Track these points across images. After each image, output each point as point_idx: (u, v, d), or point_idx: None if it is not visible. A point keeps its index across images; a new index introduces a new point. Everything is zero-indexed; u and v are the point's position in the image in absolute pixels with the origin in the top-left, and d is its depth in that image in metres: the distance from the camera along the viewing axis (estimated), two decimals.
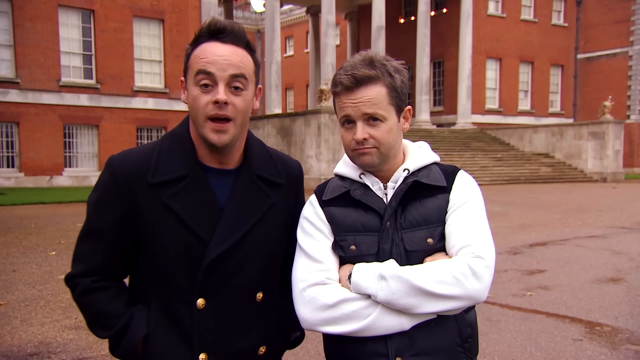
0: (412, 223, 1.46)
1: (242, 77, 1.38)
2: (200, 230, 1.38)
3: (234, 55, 1.38)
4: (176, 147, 1.43)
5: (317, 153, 18.73)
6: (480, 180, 21.13)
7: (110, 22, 21.41)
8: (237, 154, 1.47)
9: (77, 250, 1.45)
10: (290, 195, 1.58)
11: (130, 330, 1.39)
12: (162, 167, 1.40)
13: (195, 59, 1.38)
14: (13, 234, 9.00)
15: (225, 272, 1.41)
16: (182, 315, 1.40)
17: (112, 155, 1.44)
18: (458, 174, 1.54)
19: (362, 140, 1.44)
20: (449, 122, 29.86)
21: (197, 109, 1.37)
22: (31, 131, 20.08)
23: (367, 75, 1.43)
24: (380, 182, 1.52)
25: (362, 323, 1.38)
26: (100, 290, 1.42)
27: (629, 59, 32.17)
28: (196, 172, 1.41)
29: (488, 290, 1.41)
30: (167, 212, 1.38)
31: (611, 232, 9.49)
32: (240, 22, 43.05)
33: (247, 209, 1.44)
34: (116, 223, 1.40)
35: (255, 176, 1.48)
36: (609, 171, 24.53)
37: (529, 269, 6.57)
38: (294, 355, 3.77)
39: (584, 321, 4.59)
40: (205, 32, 1.39)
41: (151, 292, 1.43)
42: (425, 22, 27.03)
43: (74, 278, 1.43)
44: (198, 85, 1.36)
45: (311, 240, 1.50)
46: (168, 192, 1.38)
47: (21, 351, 3.85)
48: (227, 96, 1.35)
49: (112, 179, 1.39)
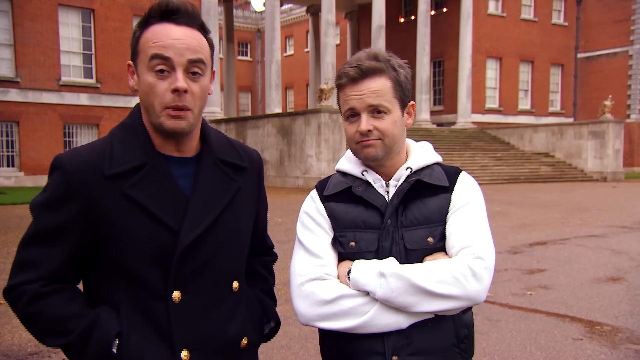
0: (413, 222, 1.46)
1: (200, 62, 1.29)
2: (168, 219, 1.29)
3: (191, 38, 1.27)
4: (130, 138, 1.32)
5: (317, 152, 18.73)
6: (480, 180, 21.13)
7: (110, 22, 21.42)
8: (194, 141, 1.38)
9: (21, 257, 1.29)
10: (254, 180, 1.51)
11: (99, 329, 1.24)
12: (117, 158, 1.29)
13: (147, 42, 1.26)
14: (13, 233, 9.00)
15: (199, 261, 1.33)
16: (157, 311, 1.29)
17: (57, 155, 1.31)
18: (460, 174, 1.54)
19: (367, 131, 1.44)
20: (449, 122, 29.86)
21: (154, 97, 1.26)
22: (31, 130, 20.09)
23: (372, 67, 1.44)
24: (383, 179, 1.51)
25: (360, 320, 1.38)
26: (52, 294, 1.27)
27: (629, 58, 32.17)
28: (155, 159, 1.31)
29: (487, 291, 1.41)
30: (130, 204, 1.27)
31: (611, 232, 9.48)
32: (240, 21, 43.19)
33: (214, 193, 1.36)
34: (70, 224, 1.27)
35: (219, 160, 1.40)
36: (609, 170, 24.52)
37: (529, 268, 6.57)
38: (294, 354, 3.78)
39: (584, 320, 4.58)
40: (156, 12, 1.28)
41: (118, 293, 1.30)
42: (426, 21, 27.03)
43: (16, 287, 1.27)
44: (153, 70, 1.26)
45: (311, 234, 1.50)
46: (129, 181, 1.27)
47: (21, 350, 3.85)
48: (186, 83, 1.26)
49: (62, 178, 1.26)
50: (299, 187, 18.71)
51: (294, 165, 19.79)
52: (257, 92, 44.36)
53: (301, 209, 1.56)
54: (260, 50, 43.61)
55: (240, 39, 43.53)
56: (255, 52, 45.07)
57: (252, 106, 44.42)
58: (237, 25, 39.37)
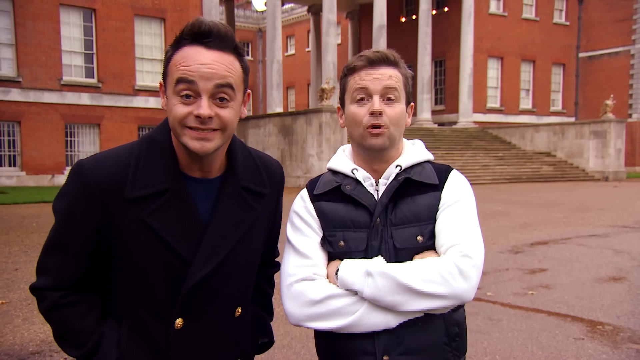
0: (403, 220, 1.46)
1: (228, 87, 1.25)
2: (181, 248, 1.29)
3: (220, 62, 1.24)
4: (155, 156, 1.30)
5: (319, 152, 18.73)
6: (481, 179, 21.19)
7: (111, 21, 21.42)
8: (219, 161, 1.36)
9: (44, 261, 1.33)
10: (273, 203, 1.52)
11: (100, 353, 1.29)
12: (140, 179, 1.27)
13: (175, 64, 1.24)
14: (15, 233, 9.01)
15: (207, 292, 1.34)
16: (157, 334, 1.31)
17: (81, 161, 1.29)
18: (451, 173, 1.53)
19: (379, 113, 1.43)
20: (450, 121, 29.84)
21: (176, 118, 1.24)
22: (33, 130, 20.11)
23: (390, 57, 1.48)
24: (373, 177, 1.51)
25: (349, 319, 1.38)
26: (70, 306, 1.30)
27: (631, 58, 32.12)
28: (178, 185, 1.30)
29: (475, 289, 1.40)
30: (145, 229, 1.27)
31: (613, 231, 9.47)
32: (242, 20, 43.20)
33: (231, 224, 1.35)
34: (88, 236, 1.28)
35: (241, 187, 1.38)
36: (611, 170, 24.49)
37: (531, 268, 6.56)
38: (295, 354, 3.78)
39: (585, 320, 4.58)
40: (188, 35, 1.25)
41: (124, 309, 1.33)
42: (427, 20, 27.01)
43: (40, 290, 1.31)
44: (178, 95, 1.24)
45: (300, 235, 1.50)
46: (148, 207, 1.27)
47: (23, 350, 3.86)
48: (210, 110, 1.23)
49: (84, 190, 1.27)
50: (300, 187, 18.60)
51: (295, 164, 19.79)
52: (258, 92, 44.37)
53: (291, 208, 1.56)
54: (262, 49, 43.63)
55: (242, 39, 43.55)
56: (257, 52, 45.09)
57: (254, 106, 44.43)
58: (238, 24, 39.42)
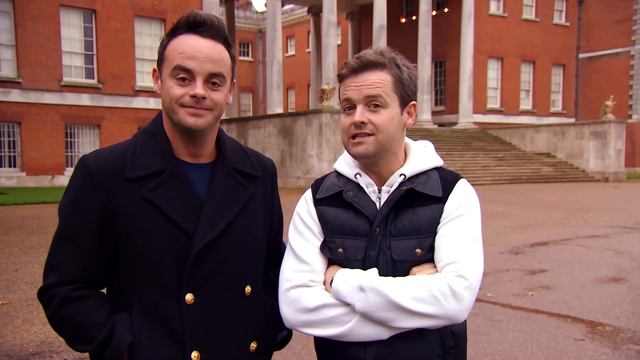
0: (402, 231, 1.42)
1: (220, 75, 1.37)
2: (184, 223, 1.36)
3: (213, 51, 1.36)
4: (151, 143, 1.41)
5: (319, 153, 18.73)
6: (481, 180, 21.18)
7: (111, 22, 21.44)
8: (209, 147, 1.46)
9: (52, 258, 1.36)
10: (267, 188, 1.56)
11: (114, 339, 1.31)
12: (139, 162, 1.37)
13: (172, 52, 1.36)
14: (15, 234, 9.01)
15: (212, 264, 1.39)
16: (170, 313, 1.36)
17: (83, 155, 1.40)
18: (458, 183, 1.48)
19: (360, 123, 1.40)
20: (450, 122, 29.84)
21: (172, 98, 1.35)
22: (33, 131, 20.12)
23: (374, 60, 1.43)
24: (376, 184, 1.48)
25: (341, 329, 1.38)
26: (80, 300, 1.34)
27: (631, 59, 32.12)
28: (174, 165, 1.39)
29: (468, 311, 1.37)
30: (148, 207, 1.34)
31: (613, 232, 9.47)
32: (242, 21, 43.19)
33: (228, 200, 1.43)
34: (94, 223, 1.34)
35: (232, 169, 1.46)
36: (611, 171, 24.48)
37: (531, 269, 6.56)
38: (295, 354, 3.78)
39: (585, 321, 4.58)
40: (184, 24, 1.37)
41: (134, 295, 1.37)
42: (427, 21, 27.02)
43: (49, 289, 1.34)
44: (175, 78, 1.35)
45: (300, 239, 1.49)
46: (148, 186, 1.35)
47: (23, 350, 3.86)
48: (204, 91, 1.34)
49: (87, 177, 1.35)
50: (300, 188, 18.69)
51: (296, 165, 19.80)
52: (258, 93, 44.38)
53: (295, 209, 1.55)
54: (262, 50, 43.62)
55: (242, 39, 43.57)
56: (257, 53, 45.08)
57: (254, 106, 44.44)
58: (238, 25, 39.40)
